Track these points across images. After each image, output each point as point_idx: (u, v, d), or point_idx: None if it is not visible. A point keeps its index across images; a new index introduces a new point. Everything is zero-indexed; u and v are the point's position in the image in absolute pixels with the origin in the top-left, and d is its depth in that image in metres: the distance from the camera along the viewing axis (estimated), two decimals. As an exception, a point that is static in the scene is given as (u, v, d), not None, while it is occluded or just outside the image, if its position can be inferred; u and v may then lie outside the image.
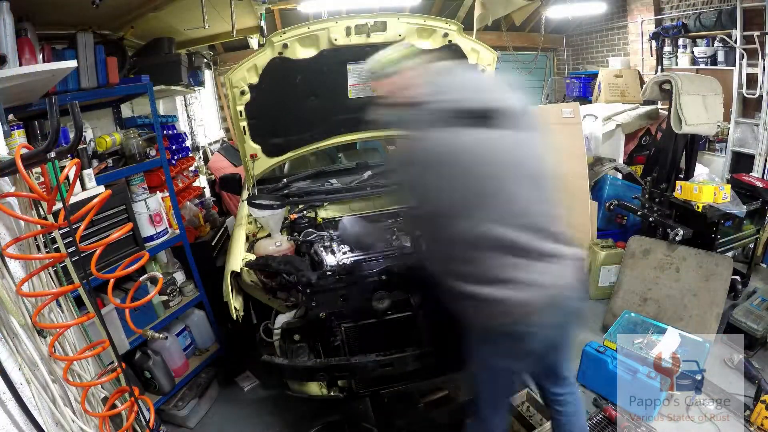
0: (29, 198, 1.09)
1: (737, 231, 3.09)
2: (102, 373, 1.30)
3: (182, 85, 3.34)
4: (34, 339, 1.07)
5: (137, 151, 2.26)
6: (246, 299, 1.96)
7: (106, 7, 2.04)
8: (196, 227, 3.06)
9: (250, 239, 2.16)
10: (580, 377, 2.47)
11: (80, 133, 1.08)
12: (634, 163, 4.23)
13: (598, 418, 2.15)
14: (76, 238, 1.03)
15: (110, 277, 1.17)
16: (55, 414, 1.07)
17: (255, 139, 2.33)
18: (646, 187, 3.15)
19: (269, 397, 2.57)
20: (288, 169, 3.06)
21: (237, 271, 1.82)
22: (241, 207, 2.45)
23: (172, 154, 3.01)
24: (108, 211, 2.08)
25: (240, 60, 2.14)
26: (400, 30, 2.10)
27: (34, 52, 1.78)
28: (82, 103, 1.68)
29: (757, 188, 3.03)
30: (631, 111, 4.38)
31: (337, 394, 1.96)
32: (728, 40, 4.10)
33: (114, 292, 1.17)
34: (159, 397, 2.32)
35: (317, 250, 1.94)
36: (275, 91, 2.17)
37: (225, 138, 5.86)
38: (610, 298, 3.06)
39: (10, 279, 1.03)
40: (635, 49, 5.66)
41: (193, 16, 3.00)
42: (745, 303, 2.74)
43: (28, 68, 1.56)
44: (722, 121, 3.27)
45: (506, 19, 6.08)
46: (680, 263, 2.81)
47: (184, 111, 4.73)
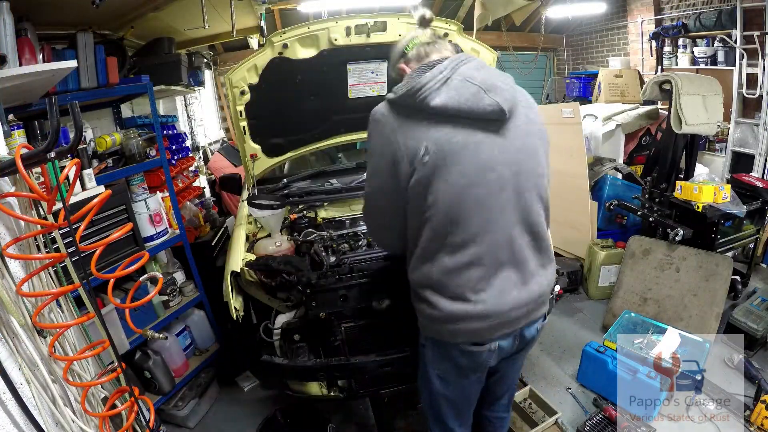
0: (29, 198, 1.09)
1: (737, 231, 3.10)
2: (102, 373, 1.30)
3: (182, 85, 3.34)
4: (34, 339, 1.07)
5: (137, 151, 2.26)
6: (246, 299, 1.95)
7: (106, 7, 2.04)
8: (196, 227, 3.06)
9: (250, 239, 2.16)
10: (581, 377, 2.47)
11: (80, 133, 1.08)
12: (634, 163, 4.23)
13: (598, 418, 2.15)
14: (76, 238, 1.03)
15: (110, 277, 1.16)
16: (55, 414, 1.07)
17: (255, 139, 2.33)
18: (646, 187, 3.15)
19: (269, 397, 2.57)
20: (288, 169, 3.06)
21: (237, 271, 1.82)
22: (241, 207, 2.45)
23: (172, 154, 3.01)
24: (108, 211, 2.08)
25: (240, 60, 2.14)
26: (400, 30, 2.10)
27: (34, 52, 1.78)
28: (82, 103, 1.68)
29: (757, 188, 3.03)
30: (631, 111, 4.38)
31: (337, 394, 1.96)
32: (728, 40, 4.11)
33: (114, 292, 1.17)
34: (159, 397, 2.32)
35: (317, 250, 1.94)
36: (275, 91, 2.17)
37: (225, 138, 5.86)
38: (610, 298, 3.06)
39: (10, 279, 1.03)
40: (635, 49, 5.67)
41: (193, 16, 2.99)
42: (745, 303, 2.74)
43: (28, 68, 1.56)
44: (722, 121, 3.27)
45: (506, 19, 6.09)
46: (680, 263, 2.81)
47: (184, 111, 4.73)
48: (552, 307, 2.13)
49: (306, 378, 1.88)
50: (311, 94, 2.29)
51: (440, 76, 1.14)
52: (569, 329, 3.00)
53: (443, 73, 1.15)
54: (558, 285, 2.24)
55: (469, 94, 1.13)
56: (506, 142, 1.17)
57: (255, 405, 2.54)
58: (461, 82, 1.14)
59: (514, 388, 1.59)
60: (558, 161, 3.76)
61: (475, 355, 1.26)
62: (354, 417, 2.37)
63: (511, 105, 1.17)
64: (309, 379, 1.88)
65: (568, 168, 3.47)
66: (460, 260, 1.17)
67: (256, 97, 2.15)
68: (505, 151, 1.17)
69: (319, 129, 2.49)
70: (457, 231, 1.16)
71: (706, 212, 2.68)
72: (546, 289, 1.30)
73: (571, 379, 2.52)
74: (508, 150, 1.17)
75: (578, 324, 3.07)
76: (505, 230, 1.18)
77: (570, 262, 3.51)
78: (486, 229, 1.16)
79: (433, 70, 1.16)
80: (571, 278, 3.41)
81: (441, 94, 1.12)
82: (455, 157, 1.13)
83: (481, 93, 1.13)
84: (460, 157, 1.13)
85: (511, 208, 1.18)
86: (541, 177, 1.24)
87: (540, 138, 1.26)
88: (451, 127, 1.14)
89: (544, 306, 1.32)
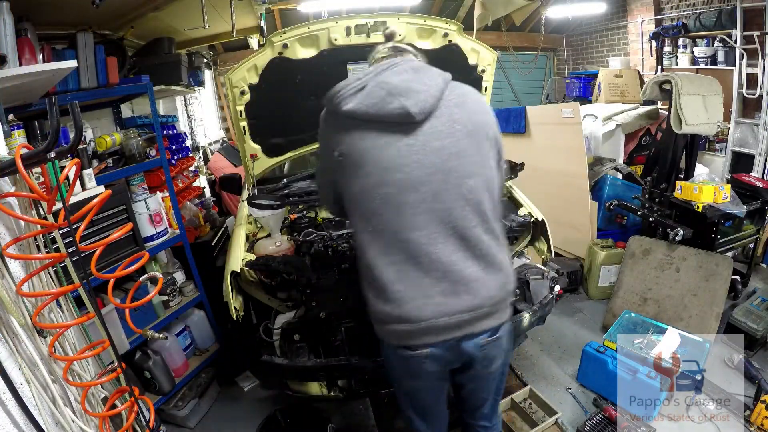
0: (29, 198, 1.09)
1: (737, 231, 3.10)
2: (102, 373, 1.30)
3: (182, 85, 3.34)
4: (34, 339, 1.07)
5: (137, 151, 2.26)
6: (246, 299, 1.96)
7: (106, 7, 2.04)
8: (196, 227, 3.06)
9: (250, 239, 2.16)
10: (581, 377, 2.47)
11: (80, 133, 1.08)
12: (634, 163, 4.23)
13: (598, 418, 2.15)
14: (76, 238, 1.03)
15: (110, 277, 1.16)
16: (55, 414, 1.07)
17: (255, 139, 2.33)
18: (646, 187, 3.15)
19: (269, 397, 2.57)
20: (288, 169, 3.06)
21: (237, 271, 1.82)
22: (241, 207, 2.45)
23: (172, 154, 3.01)
24: (108, 211, 2.08)
25: (240, 60, 2.14)
26: (400, 30, 2.10)
27: (34, 52, 1.78)
28: (82, 103, 1.67)
29: (757, 188, 3.03)
30: (631, 111, 4.38)
31: (337, 394, 1.96)
32: (728, 40, 4.11)
33: (114, 292, 1.17)
34: (159, 397, 2.32)
35: (317, 250, 1.94)
36: (275, 91, 2.17)
37: (225, 138, 5.86)
38: (610, 298, 3.06)
39: (10, 279, 1.03)
40: (635, 49, 5.67)
41: (193, 16, 2.99)
42: (745, 303, 2.74)
43: (28, 68, 1.56)
44: (722, 121, 3.27)
45: (506, 19, 6.09)
46: (680, 263, 2.81)
47: (184, 111, 4.73)
48: (552, 307, 2.15)
49: (306, 378, 1.88)
50: (311, 94, 2.29)
51: (357, 83, 1.19)
52: (569, 329, 3.00)
53: (361, 80, 1.20)
54: (558, 285, 2.25)
55: (377, 98, 1.16)
56: (419, 144, 1.17)
57: (255, 405, 2.54)
58: (373, 88, 1.17)
59: (492, 402, 1.49)
60: (558, 161, 3.80)
61: (408, 359, 1.24)
62: (354, 417, 2.37)
63: (424, 107, 1.16)
64: (309, 379, 1.88)
65: (568, 168, 3.47)
66: (376, 256, 1.19)
67: (256, 97, 2.15)
68: (415, 153, 1.17)
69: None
70: (369, 226, 1.20)
71: (706, 212, 2.68)
72: (489, 301, 1.20)
73: (571, 379, 2.52)
74: (420, 152, 1.17)
75: (578, 324, 3.07)
76: (419, 232, 1.16)
77: (570, 262, 3.51)
78: (398, 227, 1.17)
79: (352, 77, 1.22)
80: (571, 278, 3.41)
81: (353, 100, 1.17)
82: (361, 159, 1.18)
83: (389, 97, 1.15)
84: (365, 160, 1.18)
85: (426, 209, 1.16)
86: (468, 177, 1.18)
87: (471, 137, 1.20)
88: (360, 131, 1.19)
89: (489, 320, 1.22)
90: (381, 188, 1.17)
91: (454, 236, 1.18)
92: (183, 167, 3.21)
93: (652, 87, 2.99)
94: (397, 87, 1.16)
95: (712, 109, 2.84)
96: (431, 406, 1.44)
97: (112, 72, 2.17)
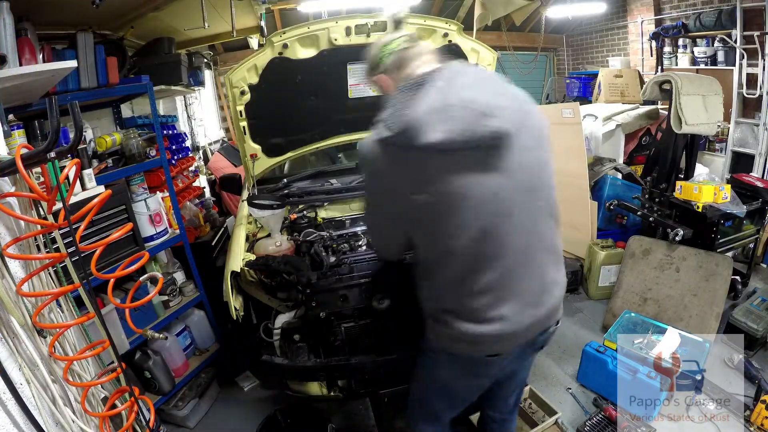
0: (29, 198, 1.09)
1: (737, 231, 3.10)
2: (102, 373, 1.30)
3: (182, 85, 3.34)
4: (34, 339, 1.07)
5: (137, 151, 2.26)
6: (246, 299, 1.96)
7: (106, 7, 2.04)
8: (196, 227, 3.06)
9: (250, 239, 2.16)
10: (580, 377, 2.47)
11: (80, 133, 1.07)
12: (634, 163, 4.24)
13: (598, 418, 2.15)
14: (76, 238, 1.03)
15: (110, 277, 1.16)
16: (55, 414, 1.07)
17: (255, 139, 2.33)
18: (646, 187, 3.15)
19: (269, 397, 2.57)
20: (288, 169, 3.06)
21: (237, 271, 1.82)
22: (241, 207, 2.45)
23: (172, 154, 3.01)
24: (108, 211, 2.08)
25: (240, 60, 2.14)
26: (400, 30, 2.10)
27: (34, 52, 1.78)
28: (82, 103, 1.67)
29: (757, 188, 3.03)
30: (631, 111, 4.38)
31: (337, 394, 1.96)
32: (728, 40, 4.11)
33: (114, 292, 1.17)
34: (159, 397, 2.32)
35: (317, 250, 1.94)
36: (275, 91, 2.17)
37: (225, 138, 5.86)
38: (610, 298, 3.06)
39: (10, 279, 1.03)
40: (635, 49, 5.67)
41: (193, 16, 3.00)
42: (745, 303, 2.74)
43: (28, 68, 1.56)
44: (722, 121, 3.27)
45: (506, 19, 6.09)
46: (680, 263, 2.81)
47: (184, 111, 4.73)
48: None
49: (306, 378, 1.88)
50: (311, 94, 2.29)
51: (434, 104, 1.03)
52: (569, 329, 3.00)
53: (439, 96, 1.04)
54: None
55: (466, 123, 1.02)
56: (514, 164, 1.09)
57: (255, 405, 2.54)
58: (461, 109, 1.03)
59: (521, 388, 1.56)
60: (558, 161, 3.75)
61: (490, 363, 1.26)
62: (354, 417, 2.37)
63: (516, 123, 1.08)
64: (309, 379, 1.88)
65: (568, 168, 3.47)
66: (478, 287, 1.13)
67: (256, 97, 2.15)
68: (511, 173, 1.08)
69: (319, 129, 2.49)
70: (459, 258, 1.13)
71: (706, 212, 2.68)
72: (560, 300, 1.28)
73: (571, 379, 2.52)
74: (514, 170, 1.09)
75: (578, 324, 3.07)
76: (517, 253, 1.14)
77: (570, 262, 3.51)
78: (499, 254, 1.12)
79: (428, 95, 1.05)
80: (571, 278, 3.41)
81: (438, 129, 1.00)
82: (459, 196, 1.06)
83: (482, 119, 1.02)
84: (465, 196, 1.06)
85: (523, 231, 1.14)
86: (551, 189, 1.19)
87: (548, 142, 1.19)
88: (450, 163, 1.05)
89: (558, 312, 1.31)
90: (479, 221, 1.08)
91: (544, 251, 1.20)
92: (183, 167, 3.21)
93: (652, 87, 2.99)
94: (488, 105, 1.05)
95: (712, 109, 2.84)
96: (471, 399, 1.46)
97: (112, 72, 2.17)
